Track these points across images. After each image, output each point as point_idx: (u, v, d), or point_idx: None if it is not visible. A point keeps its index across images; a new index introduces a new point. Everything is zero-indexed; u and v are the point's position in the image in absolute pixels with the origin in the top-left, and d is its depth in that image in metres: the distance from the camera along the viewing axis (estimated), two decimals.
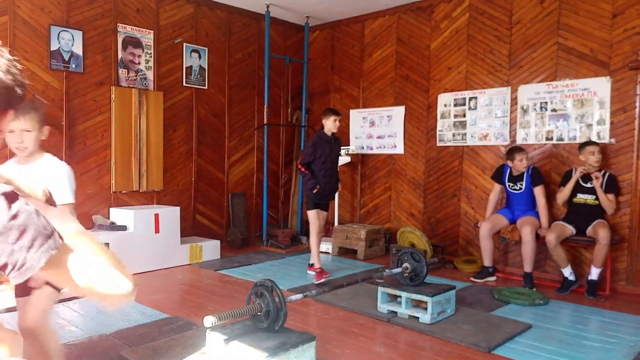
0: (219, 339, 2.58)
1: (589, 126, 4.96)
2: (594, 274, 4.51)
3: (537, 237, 4.78)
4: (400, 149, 6.52)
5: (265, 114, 6.75)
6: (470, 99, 5.82)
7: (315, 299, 4.18)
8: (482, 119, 5.73)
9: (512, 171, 5.05)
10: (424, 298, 3.61)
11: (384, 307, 3.86)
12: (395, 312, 3.79)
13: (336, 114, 5.00)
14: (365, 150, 6.90)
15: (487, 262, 5.09)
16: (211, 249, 5.87)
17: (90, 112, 5.34)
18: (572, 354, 3.15)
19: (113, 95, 5.47)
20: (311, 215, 5.01)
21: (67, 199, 2.29)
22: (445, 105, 6.04)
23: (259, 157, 7.06)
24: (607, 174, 4.66)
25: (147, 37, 5.80)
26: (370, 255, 6.13)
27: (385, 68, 6.67)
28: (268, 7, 6.56)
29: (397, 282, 3.91)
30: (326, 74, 7.38)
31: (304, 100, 7.34)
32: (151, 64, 5.85)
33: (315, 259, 5.01)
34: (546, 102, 5.24)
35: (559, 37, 5.13)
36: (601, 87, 4.87)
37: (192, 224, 6.36)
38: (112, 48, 5.50)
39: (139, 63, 5.74)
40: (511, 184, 5.07)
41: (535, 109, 5.32)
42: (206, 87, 6.44)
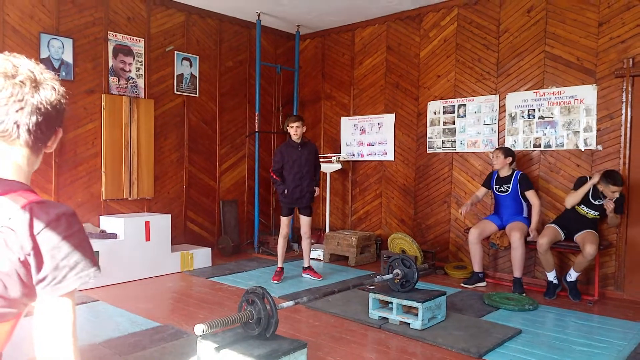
0: (210, 347, 2.58)
1: (576, 133, 5.03)
2: (572, 276, 4.59)
3: (527, 243, 4.82)
4: (390, 156, 6.56)
5: (256, 121, 6.77)
6: (459, 106, 5.88)
7: (306, 305, 4.18)
8: (471, 126, 5.79)
9: (499, 173, 5.12)
10: (415, 304, 3.63)
11: (375, 314, 3.87)
12: (387, 319, 3.80)
13: (295, 120, 5.18)
14: (356, 158, 6.94)
15: (477, 267, 5.13)
16: (202, 256, 5.85)
17: (80, 120, 5.32)
18: (561, 359, 3.18)
19: (103, 103, 5.46)
20: (282, 220, 5.31)
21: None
22: (435, 113, 6.10)
23: (250, 164, 7.07)
24: (620, 195, 4.51)
25: (138, 45, 5.80)
26: (361, 261, 6.14)
27: (375, 76, 6.72)
28: (259, 15, 6.60)
29: (388, 289, 3.93)
30: (317, 81, 7.42)
31: (295, 108, 7.37)
32: (142, 71, 5.85)
33: (279, 259, 5.32)
34: (534, 110, 5.31)
35: (545, 46, 5.21)
36: (588, 94, 4.95)
37: (183, 231, 6.34)
38: (103, 56, 5.49)
39: (130, 71, 5.74)
40: (497, 187, 5.13)
41: (523, 117, 5.39)
42: (197, 95, 6.45)
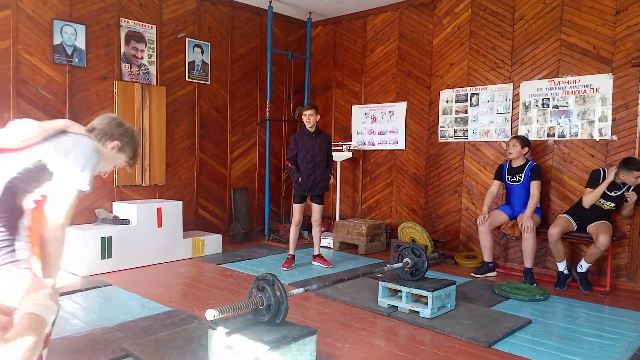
0: (220, 332, 2.60)
1: (591, 123, 4.97)
2: (583, 267, 4.56)
3: (538, 233, 4.79)
4: (401, 145, 6.53)
5: (267, 109, 6.76)
6: (472, 95, 5.82)
7: (316, 293, 4.21)
8: (484, 115, 5.73)
9: (512, 163, 5.07)
10: (425, 293, 3.63)
11: (384, 302, 3.88)
12: (396, 307, 3.81)
13: (308, 108, 5.20)
14: (367, 146, 6.91)
15: (487, 257, 5.11)
16: (213, 243, 5.90)
17: (93, 107, 5.35)
18: (571, 350, 3.17)
19: (116, 90, 5.49)
20: (294, 207, 5.32)
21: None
22: (447, 102, 6.05)
23: (261, 152, 7.08)
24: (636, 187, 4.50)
25: (150, 31, 5.81)
26: (371, 250, 6.15)
27: (387, 64, 6.67)
28: (271, 2, 6.56)
29: (397, 277, 3.94)
30: (328, 69, 7.38)
31: (306, 96, 7.35)
32: (154, 58, 5.86)
33: (290, 247, 5.36)
34: (548, 99, 5.24)
35: (561, 34, 5.12)
36: (603, 83, 4.87)
37: (195, 218, 6.39)
38: (115, 42, 5.51)
39: (142, 58, 5.75)
40: (510, 177, 5.08)
41: (537, 106, 5.32)
42: (209, 82, 6.45)
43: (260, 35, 6.98)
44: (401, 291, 3.78)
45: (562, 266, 4.67)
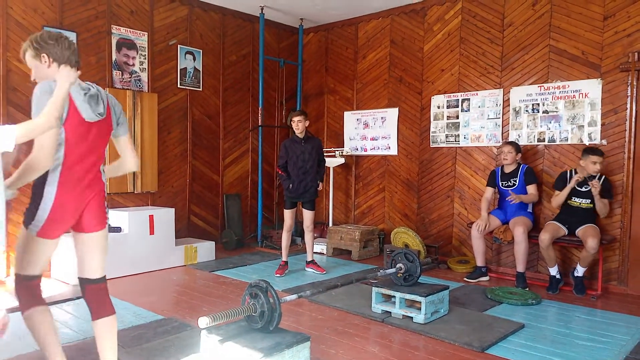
0: (213, 340, 2.59)
1: (580, 127, 5.01)
2: (579, 271, 4.60)
3: (530, 237, 4.82)
4: (394, 151, 6.56)
5: (259, 115, 6.76)
6: (463, 100, 5.87)
7: (309, 299, 4.20)
8: (475, 120, 5.77)
9: (504, 169, 5.11)
10: (418, 298, 3.64)
11: (378, 307, 3.88)
12: (389, 312, 3.81)
13: (297, 114, 5.23)
14: (359, 152, 6.93)
15: (480, 262, 5.13)
16: (206, 250, 5.87)
17: None
18: (564, 353, 3.19)
19: None
20: (285, 213, 5.32)
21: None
22: (439, 107, 6.08)
23: (253, 158, 7.07)
24: (604, 179, 4.64)
25: (142, 39, 5.80)
26: (364, 255, 6.15)
27: (379, 70, 6.70)
28: (262, 9, 6.58)
29: (391, 283, 3.94)
30: (320, 75, 7.41)
31: (299, 102, 7.36)
32: (145, 65, 5.85)
33: (283, 253, 5.35)
34: (538, 104, 5.29)
35: (550, 40, 5.18)
36: (592, 88, 4.92)
37: (187, 225, 6.36)
38: (106, 50, 5.49)
39: (133, 65, 5.74)
40: (504, 182, 5.12)
41: (527, 111, 5.37)
42: (201, 89, 6.45)
43: (252, 42, 6.99)
44: (394, 297, 3.78)
45: (554, 271, 4.70)
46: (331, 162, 6.79)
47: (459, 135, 5.91)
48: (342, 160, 6.73)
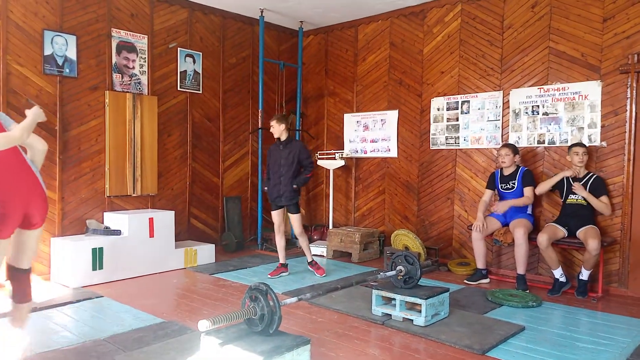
0: (213, 343, 2.59)
1: (580, 129, 5.01)
2: (584, 274, 4.58)
3: (530, 239, 4.82)
4: (394, 153, 6.56)
5: (259, 118, 6.77)
6: (463, 102, 5.87)
7: (309, 302, 4.19)
8: (475, 122, 5.77)
9: (504, 171, 5.12)
10: (418, 300, 3.63)
11: (378, 310, 3.88)
12: (390, 315, 3.80)
13: (272, 119, 5.21)
14: (359, 154, 6.93)
15: (480, 264, 5.12)
16: (206, 252, 5.87)
17: (84, 117, 5.33)
18: (565, 356, 3.18)
19: (107, 100, 5.47)
20: (272, 214, 5.30)
21: None
22: (438, 109, 6.08)
23: (253, 161, 7.08)
24: (594, 177, 4.71)
25: (141, 41, 5.80)
26: (364, 258, 6.15)
27: (378, 72, 6.71)
28: (262, 12, 6.59)
29: (391, 285, 3.93)
30: (320, 78, 7.41)
31: (298, 105, 7.37)
32: (145, 68, 5.85)
33: (280, 255, 5.34)
34: (538, 106, 5.29)
35: (550, 42, 5.18)
36: (592, 90, 4.93)
37: (187, 228, 6.36)
38: (106, 53, 5.50)
39: (133, 68, 5.74)
40: (503, 185, 5.12)
41: (527, 113, 5.37)
42: (200, 92, 6.45)
43: (252, 45, 7.00)
44: (395, 299, 3.77)
45: (558, 273, 4.67)
46: (331, 165, 6.79)
47: (458, 138, 5.91)
48: (342, 163, 6.73)
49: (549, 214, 5.17)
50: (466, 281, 5.12)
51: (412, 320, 3.66)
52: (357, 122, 6.95)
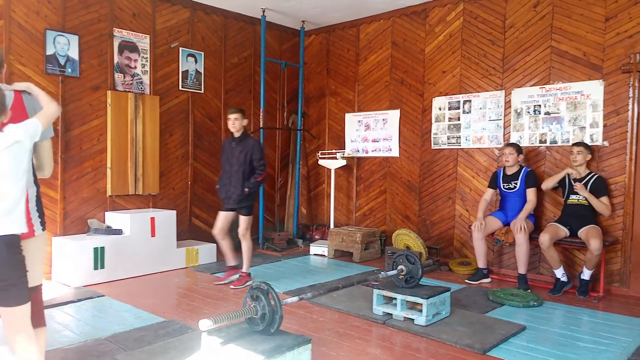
0: (214, 342, 2.59)
1: (582, 129, 5.01)
2: (586, 274, 4.57)
3: (531, 239, 4.81)
4: (395, 152, 6.55)
5: (261, 117, 6.77)
6: (465, 102, 5.86)
7: (311, 301, 4.19)
8: (476, 122, 5.77)
9: (506, 170, 5.11)
10: (419, 300, 3.63)
11: (379, 309, 3.88)
12: (391, 314, 3.81)
13: (232, 112, 4.74)
14: (361, 154, 6.93)
15: (482, 264, 5.12)
16: (207, 252, 5.87)
17: (86, 116, 5.34)
18: (566, 355, 3.18)
19: (109, 100, 5.48)
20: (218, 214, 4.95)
21: None
22: (440, 109, 6.08)
23: None
24: (595, 177, 4.70)
25: (143, 41, 5.81)
26: (365, 257, 6.15)
27: (380, 72, 6.71)
28: (264, 11, 6.59)
29: (392, 285, 3.93)
30: (322, 77, 7.41)
31: (300, 104, 7.37)
32: (147, 68, 5.86)
33: (226, 258, 4.96)
34: (540, 105, 5.28)
35: (552, 41, 5.17)
36: (594, 90, 4.92)
37: (189, 227, 6.36)
38: (108, 52, 5.51)
39: (135, 67, 5.75)
40: (505, 184, 5.11)
41: (528, 112, 5.36)
42: (202, 91, 6.46)
43: (253, 44, 7.01)
44: (396, 299, 3.77)
45: (560, 273, 4.67)
46: (332, 164, 6.79)
47: (460, 137, 5.91)
48: (343, 162, 6.73)
49: (551, 213, 5.17)
50: (467, 281, 5.11)
51: (413, 319, 3.66)
52: (359, 121, 6.95)
